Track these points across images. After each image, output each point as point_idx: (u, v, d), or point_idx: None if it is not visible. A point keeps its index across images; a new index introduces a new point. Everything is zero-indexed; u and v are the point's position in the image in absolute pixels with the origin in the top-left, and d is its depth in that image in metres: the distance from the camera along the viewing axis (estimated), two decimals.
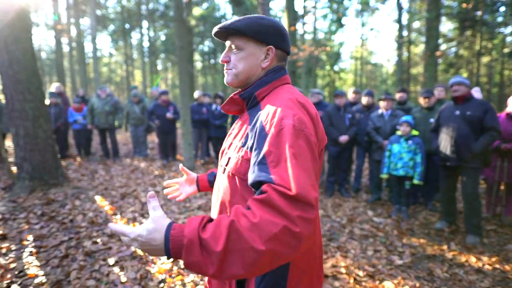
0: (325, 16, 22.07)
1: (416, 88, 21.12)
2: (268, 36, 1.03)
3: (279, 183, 0.76)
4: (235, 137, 1.07)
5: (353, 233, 3.74)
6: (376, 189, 4.88)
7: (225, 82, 1.10)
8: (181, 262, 2.89)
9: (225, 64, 1.08)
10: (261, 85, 1.04)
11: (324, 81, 26.54)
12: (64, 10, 17.26)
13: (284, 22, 9.45)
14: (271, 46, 1.04)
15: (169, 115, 6.70)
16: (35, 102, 4.26)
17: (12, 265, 2.73)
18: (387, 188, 5.22)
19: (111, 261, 2.89)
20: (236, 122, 1.15)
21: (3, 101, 6.59)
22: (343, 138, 4.81)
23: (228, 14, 20.37)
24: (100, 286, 2.54)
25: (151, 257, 2.98)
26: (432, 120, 4.30)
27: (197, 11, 17.12)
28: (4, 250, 2.98)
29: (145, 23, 22.24)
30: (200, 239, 0.72)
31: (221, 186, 1.05)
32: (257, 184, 0.82)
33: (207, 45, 22.91)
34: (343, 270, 2.87)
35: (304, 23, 19.32)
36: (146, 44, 23.22)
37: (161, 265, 2.84)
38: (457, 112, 3.56)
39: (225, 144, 1.13)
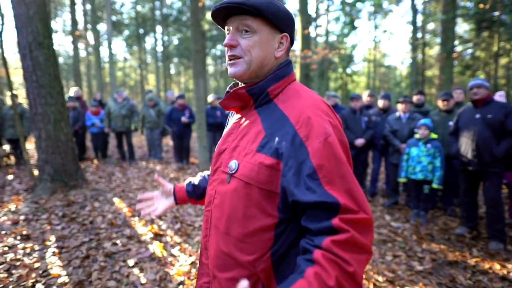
0: (337, 19, 21.99)
1: (431, 91, 20.77)
2: (284, 23, 0.90)
3: (349, 206, 0.72)
4: (241, 139, 0.90)
5: None
6: (393, 193, 4.81)
7: (230, 74, 0.91)
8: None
9: (229, 51, 0.90)
10: (275, 80, 0.90)
11: (336, 84, 26.38)
12: (82, 17, 17.72)
13: (297, 26, 9.46)
14: (286, 34, 0.92)
15: (184, 119, 6.78)
16: (56, 106, 4.38)
17: (36, 265, 2.80)
18: (404, 192, 5.14)
19: (131, 262, 2.93)
20: (236, 120, 0.98)
21: (25, 106, 6.80)
22: (359, 142, 4.77)
23: None
24: (121, 287, 2.58)
25: (169, 259, 3.01)
26: (451, 123, 4.22)
27: (210, 15, 17.29)
28: (28, 250, 3.07)
29: (158, 28, 22.61)
30: None
31: (226, 196, 0.89)
32: (316, 204, 0.73)
33: (219, 49, 23.12)
34: None
35: (316, 26, 19.28)
36: (159, 48, 23.62)
37: (179, 267, 2.87)
38: (478, 115, 3.48)
39: (224, 145, 0.96)
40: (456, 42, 14.61)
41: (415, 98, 5.19)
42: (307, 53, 7.87)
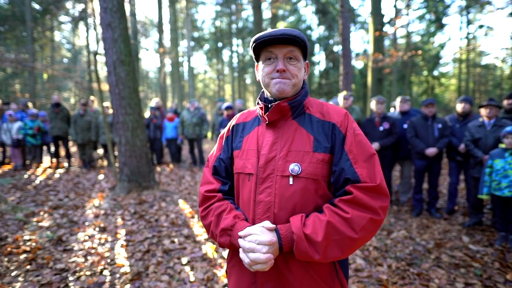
0: (421, 17, 20.13)
1: None
2: (308, 53, 1.13)
3: (364, 179, 0.98)
4: (291, 144, 1.05)
5: (440, 260, 3.26)
6: (475, 212, 4.16)
7: (277, 90, 1.06)
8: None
9: (279, 73, 1.06)
10: (305, 95, 1.13)
11: (421, 88, 24.09)
12: (168, 34, 19.77)
13: (370, 28, 8.99)
14: (307, 62, 1.16)
15: (221, 129, 7.00)
16: (134, 115, 4.97)
17: (106, 254, 3.20)
18: (491, 211, 4.41)
19: (184, 260, 3.12)
20: (273, 131, 1.09)
21: None
22: (430, 151, 4.27)
23: (313, 25, 20.37)
24: (172, 282, 2.76)
25: (219, 261, 3.12)
26: None
27: (281, 25, 17.58)
28: (102, 241, 3.52)
29: (235, 41, 23.84)
30: (305, 234, 0.93)
31: (295, 196, 1.01)
32: (345, 181, 1.01)
33: None
34: None
35: (395, 26, 18.00)
36: (236, 60, 24.86)
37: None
38: None
39: (272, 153, 1.05)
40: None
41: (505, 103, 4.44)
42: (378, 56, 7.39)
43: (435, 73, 22.94)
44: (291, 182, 1.01)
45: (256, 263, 0.94)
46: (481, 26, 23.25)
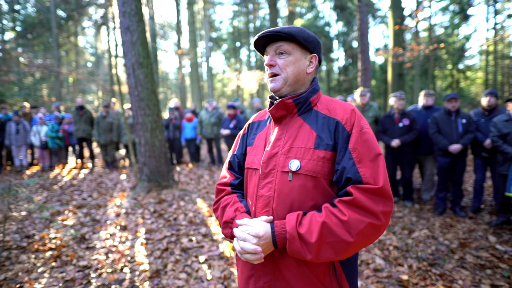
0: (444, 9, 19.39)
1: None
2: (313, 45, 1.10)
3: (367, 180, 0.93)
4: (294, 141, 1.05)
5: (465, 261, 3.13)
6: (503, 210, 3.97)
7: (270, 88, 1.09)
8: None
9: (269, 69, 1.09)
10: (313, 92, 1.11)
11: (445, 82, 23.22)
12: (187, 35, 20.06)
13: (390, 22, 8.77)
14: (315, 54, 1.12)
15: (222, 130, 7.04)
16: (153, 116, 5.07)
17: (127, 252, 3.28)
18: None
19: (202, 258, 3.16)
20: (279, 127, 1.11)
21: None
22: (454, 147, 4.11)
23: (332, 21, 20.07)
24: (190, 280, 2.80)
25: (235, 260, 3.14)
26: None
27: (299, 22, 17.44)
28: (123, 239, 3.62)
29: (252, 40, 23.89)
30: (298, 234, 0.92)
31: (293, 193, 1.01)
32: (346, 180, 0.96)
33: None
34: None
35: (416, 19, 17.42)
36: (253, 59, 24.91)
37: None
38: None
39: (274, 149, 1.07)
40: None
41: None
42: (398, 50, 7.18)
43: (460, 66, 22.07)
44: (290, 178, 1.02)
45: (245, 252, 0.97)
46: (510, 16, 22.08)
